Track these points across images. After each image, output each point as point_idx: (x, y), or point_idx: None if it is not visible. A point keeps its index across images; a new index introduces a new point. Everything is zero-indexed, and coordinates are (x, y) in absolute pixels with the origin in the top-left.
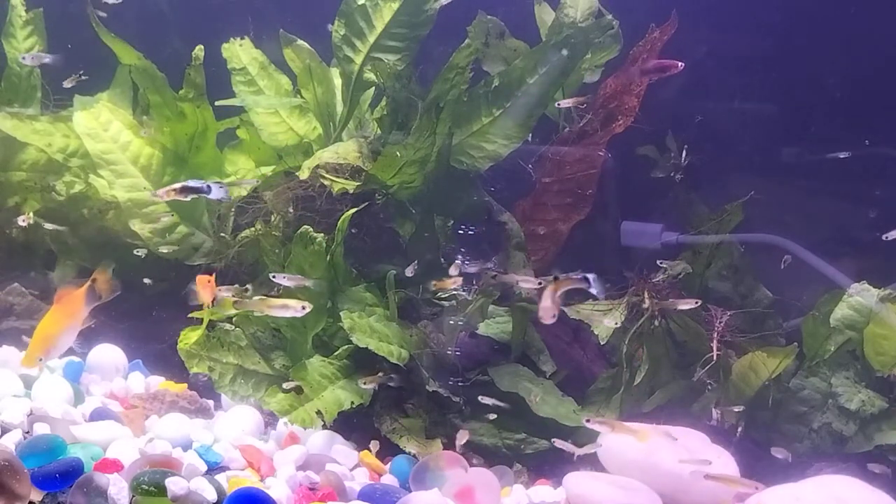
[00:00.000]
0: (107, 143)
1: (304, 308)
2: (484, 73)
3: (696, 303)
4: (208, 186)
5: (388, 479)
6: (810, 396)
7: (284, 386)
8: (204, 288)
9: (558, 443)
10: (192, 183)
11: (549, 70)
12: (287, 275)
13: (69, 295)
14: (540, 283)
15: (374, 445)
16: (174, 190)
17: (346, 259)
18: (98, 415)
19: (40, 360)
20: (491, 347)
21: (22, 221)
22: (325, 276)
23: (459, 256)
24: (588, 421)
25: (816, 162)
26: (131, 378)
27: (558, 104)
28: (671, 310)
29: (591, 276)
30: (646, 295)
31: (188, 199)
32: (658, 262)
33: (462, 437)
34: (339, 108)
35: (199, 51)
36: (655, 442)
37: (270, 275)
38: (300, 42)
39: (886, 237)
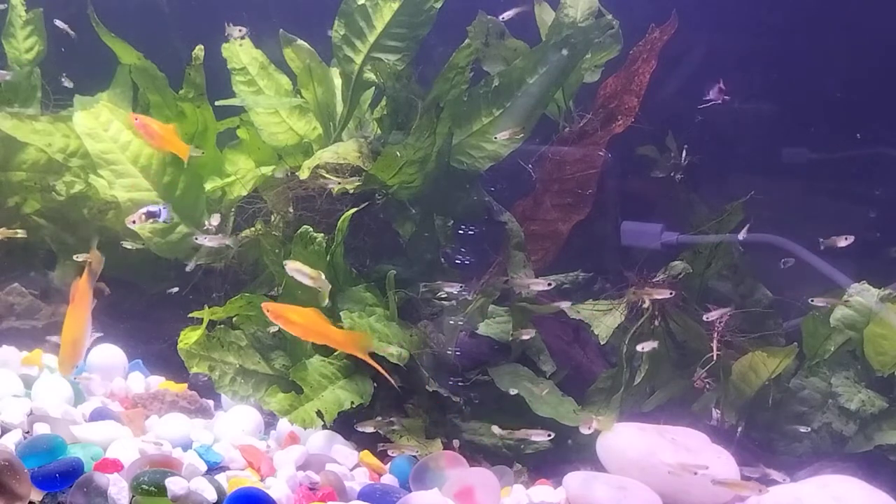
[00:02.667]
0: (107, 143)
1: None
2: (484, 73)
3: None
4: (160, 210)
5: (388, 479)
6: (810, 396)
7: None
8: None
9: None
10: (150, 208)
11: (549, 70)
12: (208, 236)
13: (75, 289)
14: (550, 285)
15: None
16: (143, 215)
17: (346, 259)
18: (98, 415)
19: (76, 366)
20: (491, 347)
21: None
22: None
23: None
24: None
25: (816, 162)
26: (131, 378)
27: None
28: (671, 309)
29: None
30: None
31: (149, 222)
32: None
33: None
34: (339, 108)
35: (199, 51)
36: (655, 442)
37: (194, 237)
38: (300, 42)
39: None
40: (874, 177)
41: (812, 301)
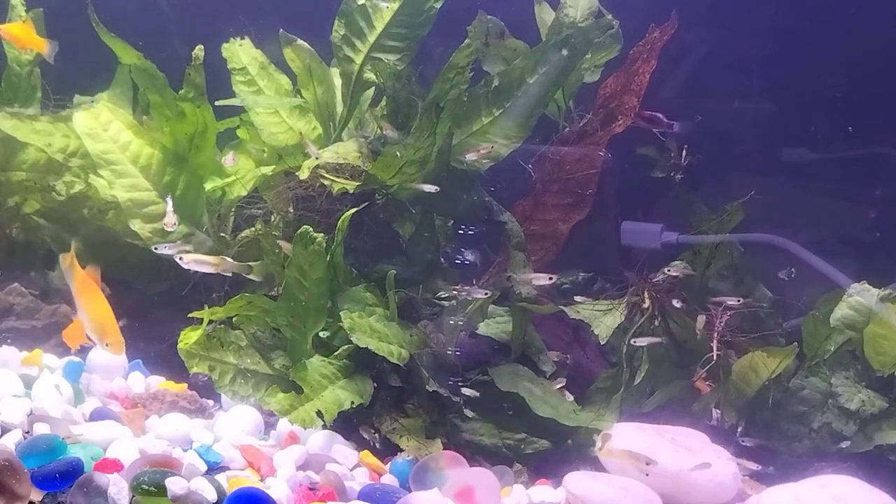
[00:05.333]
0: (107, 143)
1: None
2: (484, 73)
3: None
4: None
5: (388, 479)
6: (810, 396)
7: None
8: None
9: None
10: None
11: (549, 70)
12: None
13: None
14: (551, 279)
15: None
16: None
17: (346, 259)
18: (98, 415)
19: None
20: (491, 347)
21: None
22: (325, 276)
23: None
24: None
25: (816, 162)
26: (131, 378)
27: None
28: (671, 309)
29: None
30: (646, 295)
31: None
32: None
33: None
34: (339, 108)
35: (199, 51)
36: (655, 442)
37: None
38: (300, 42)
39: None
40: (874, 177)
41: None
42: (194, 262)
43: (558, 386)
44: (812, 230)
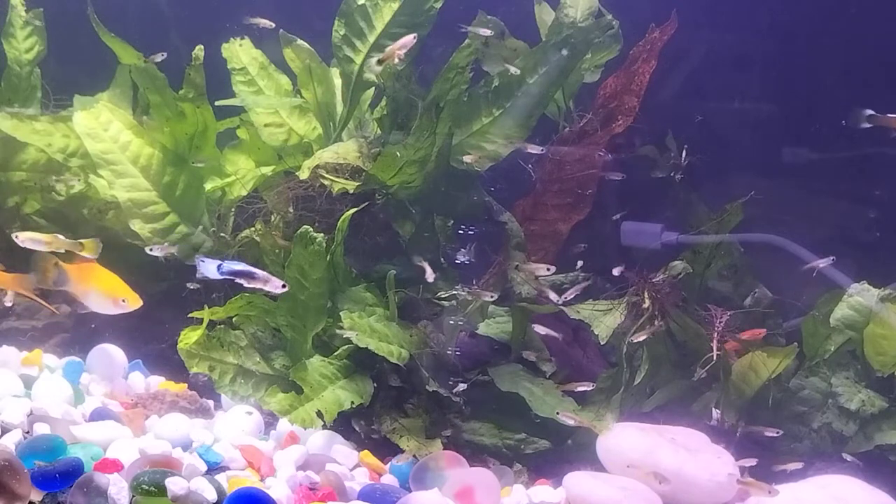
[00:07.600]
0: (107, 143)
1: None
2: (484, 73)
3: None
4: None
5: (388, 479)
6: (810, 396)
7: None
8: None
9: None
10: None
11: (549, 70)
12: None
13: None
14: (548, 269)
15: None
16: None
17: (346, 259)
18: (98, 415)
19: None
20: (491, 347)
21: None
22: (325, 276)
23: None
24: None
25: (816, 162)
26: (131, 378)
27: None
28: (671, 309)
29: None
30: (646, 295)
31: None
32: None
33: None
34: (339, 108)
35: (199, 51)
36: (655, 442)
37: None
38: (300, 42)
39: None
40: (874, 177)
41: None
42: (29, 240)
43: (581, 389)
44: (812, 230)
